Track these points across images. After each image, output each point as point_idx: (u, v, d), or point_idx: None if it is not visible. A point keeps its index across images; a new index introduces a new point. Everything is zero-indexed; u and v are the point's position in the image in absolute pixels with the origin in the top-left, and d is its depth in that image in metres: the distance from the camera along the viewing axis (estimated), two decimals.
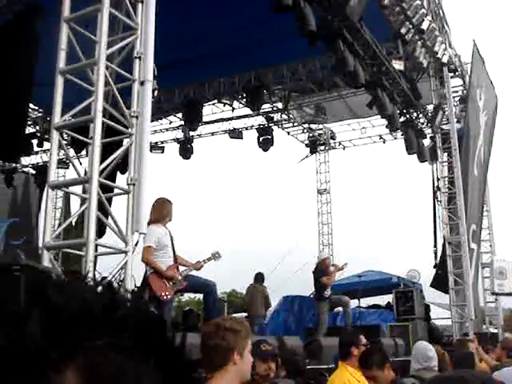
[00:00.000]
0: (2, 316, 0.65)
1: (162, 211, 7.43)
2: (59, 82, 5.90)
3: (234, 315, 16.92)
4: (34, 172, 18.08)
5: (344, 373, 5.51)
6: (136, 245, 5.96)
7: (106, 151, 5.91)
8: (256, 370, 4.65)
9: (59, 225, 15.11)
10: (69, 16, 6.04)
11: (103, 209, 5.62)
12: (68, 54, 6.16)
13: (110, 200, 6.40)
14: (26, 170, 18.37)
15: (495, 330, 16.98)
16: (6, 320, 0.64)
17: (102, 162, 5.66)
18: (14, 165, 16.78)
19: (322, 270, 12.06)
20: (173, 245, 7.57)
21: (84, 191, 7.06)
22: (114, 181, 6.40)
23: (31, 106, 15.46)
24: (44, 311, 0.65)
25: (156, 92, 6.33)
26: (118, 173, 8.60)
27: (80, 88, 6.24)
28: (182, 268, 7.70)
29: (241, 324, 3.08)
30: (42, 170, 16.36)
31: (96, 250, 5.73)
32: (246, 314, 13.25)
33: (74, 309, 0.66)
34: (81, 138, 6.52)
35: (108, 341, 0.66)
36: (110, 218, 5.83)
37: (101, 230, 6.01)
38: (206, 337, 3.01)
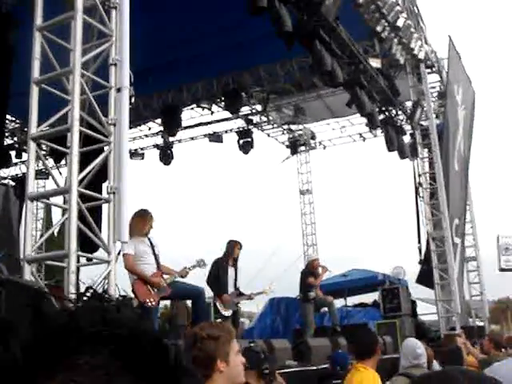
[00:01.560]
0: None
1: (137, 226, 7.37)
2: (34, 91, 5.81)
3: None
4: (13, 184, 17.88)
5: (372, 375, 5.36)
6: (118, 254, 5.89)
7: (86, 160, 5.84)
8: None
9: (41, 236, 14.96)
10: (41, 24, 5.95)
11: (85, 219, 5.54)
12: (43, 63, 6.07)
13: (96, 209, 6.30)
14: (5, 181, 18.17)
15: (481, 323, 17.10)
16: None
17: (81, 171, 5.60)
18: None
19: (310, 272, 12.04)
20: (154, 252, 7.51)
21: (65, 201, 6.98)
22: (99, 190, 6.32)
23: (8, 117, 15.28)
24: (34, 322, 0.64)
25: (133, 98, 6.25)
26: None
27: (56, 97, 6.16)
28: (165, 276, 7.65)
29: (221, 329, 2.97)
30: (21, 181, 16.18)
31: (78, 261, 5.65)
32: None
33: (61, 322, 0.64)
34: (59, 148, 6.43)
35: (91, 359, 0.63)
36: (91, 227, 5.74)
37: (92, 245, 5.89)
38: (185, 348, 2.89)
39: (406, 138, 15.64)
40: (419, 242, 15.80)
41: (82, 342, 0.63)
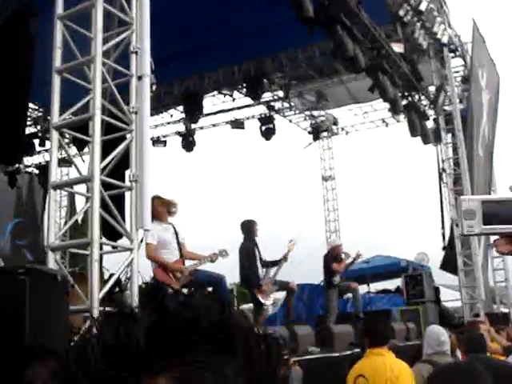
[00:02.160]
0: (118, 314, 0.70)
1: (157, 207, 7.39)
2: (56, 80, 5.84)
3: (245, 306, 16.95)
4: (37, 172, 18.06)
5: (395, 359, 5.34)
6: (141, 241, 5.92)
7: (108, 149, 5.87)
8: None
9: (65, 223, 15.11)
10: (62, 13, 5.97)
11: (107, 207, 5.58)
12: (64, 52, 6.10)
13: (119, 198, 6.33)
14: (29, 170, 18.35)
15: (506, 310, 16.95)
16: (119, 318, 0.68)
17: (103, 159, 5.62)
18: (16, 166, 16.75)
19: (333, 257, 12.00)
20: (178, 241, 7.54)
21: (88, 190, 7.02)
22: (122, 178, 6.35)
23: (31, 105, 15.40)
24: (157, 314, 0.68)
25: (154, 86, 6.28)
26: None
27: (78, 86, 6.19)
28: (189, 263, 7.68)
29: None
30: (45, 169, 16.34)
31: (101, 249, 5.69)
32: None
33: (183, 318, 0.67)
34: (82, 136, 6.46)
35: (207, 358, 0.66)
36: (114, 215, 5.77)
37: (113, 233, 5.93)
38: None
39: (430, 123, 15.50)
40: (443, 227, 15.68)
41: (202, 341, 0.67)
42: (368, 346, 5.58)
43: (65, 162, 15.29)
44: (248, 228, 9.78)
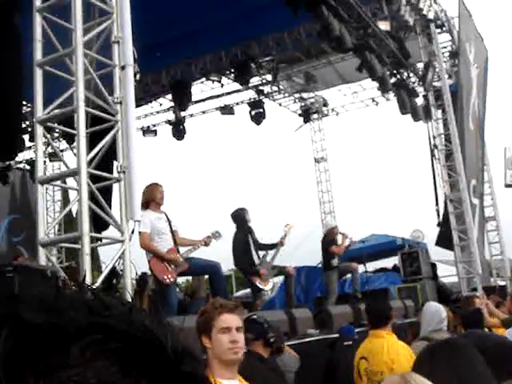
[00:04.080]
0: None
1: (148, 196, 7.38)
2: (38, 74, 5.78)
3: (243, 291, 16.99)
4: (28, 168, 17.97)
5: (396, 341, 5.38)
6: (132, 233, 5.89)
7: (96, 141, 5.82)
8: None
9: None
10: (41, 5, 5.89)
11: (96, 200, 5.54)
12: (46, 45, 6.03)
13: (109, 190, 6.29)
14: (21, 166, 18.26)
15: (503, 283, 17.02)
16: None
17: (91, 151, 5.58)
18: (7, 162, 16.65)
19: (330, 240, 11.98)
20: (171, 229, 7.52)
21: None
22: (110, 170, 6.31)
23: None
24: (13, 332, 0.55)
25: (138, 75, 6.21)
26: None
27: (63, 80, 6.13)
28: (183, 249, 7.66)
29: (212, 304, 3.02)
30: (35, 164, 16.23)
31: (93, 242, 5.66)
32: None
33: (47, 330, 0.55)
34: (68, 129, 6.41)
35: (83, 370, 0.55)
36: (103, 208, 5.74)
37: (101, 223, 5.91)
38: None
39: (419, 100, 15.45)
40: (437, 204, 15.69)
41: (68, 351, 0.56)
42: (370, 328, 5.63)
43: (55, 156, 15.25)
44: (239, 217, 9.73)
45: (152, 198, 7.42)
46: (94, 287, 0.65)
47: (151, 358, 0.58)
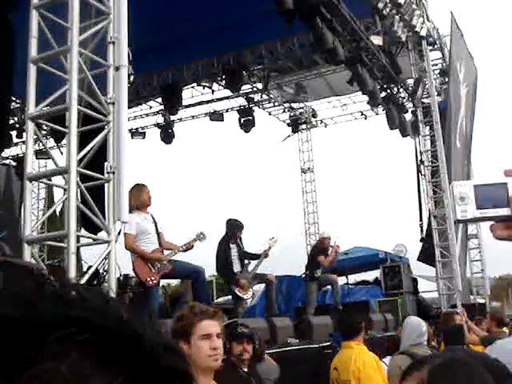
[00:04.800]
0: None
1: (137, 198, 7.39)
2: (32, 70, 5.76)
3: (223, 298, 16.95)
4: (14, 164, 17.87)
5: (367, 350, 5.55)
6: (119, 234, 5.88)
7: (86, 140, 5.81)
8: (232, 352, 4.65)
9: (43, 215, 14.97)
10: (38, 2, 5.89)
11: (84, 199, 5.53)
12: (41, 42, 6.02)
13: (99, 189, 6.26)
14: (6, 162, 18.15)
15: (482, 300, 17.14)
16: None
17: (81, 151, 5.57)
18: None
19: (321, 249, 12.01)
20: (157, 230, 7.53)
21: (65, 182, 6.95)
22: (101, 169, 6.28)
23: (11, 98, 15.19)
24: None
25: (132, 77, 6.22)
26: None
27: (56, 77, 6.12)
28: (166, 252, 7.67)
29: (191, 310, 2.97)
30: (22, 161, 16.13)
31: (78, 241, 5.65)
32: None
33: (20, 323, 0.54)
34: (59, 128, 6.39)
35: (51, 367, 0.54)
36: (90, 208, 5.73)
37: (95, 226, 5.87)
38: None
39: (408, 116, 15.56)
40: (421, 219, 15.80)
41: (43, 345, 0.54)
42: (342, 339, 5.82)
43: (42, 153, 15.17)
44: (232, 228, 9.78)
45: (139, 200, 7.43)
46: (73, 282, 0.64)
47: (129, 351, 0.57)
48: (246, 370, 4.71)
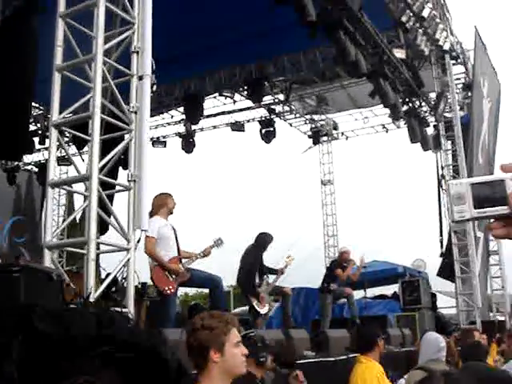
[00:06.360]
0: None
1: (158, 204, 7.41)
2: (56, 78, 5.84)
3: (241, 308, 16.93)
4: (36, 170, 18.05)
5: (374, 366, 5.53)
6: (138, 242, 5.91)
7: (107, 148, 5.86)
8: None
9: (63, 222, 15.09)
10: (64, 11, 5.97)
11: (105, 206, 5.57)
12: (66, 50, 6.09)
13: (111, 197, 6.34)
14: (28, 168, 18.35)
15: (502, 318, 16.93)
16: None
17: (102, 158, 5.61)
18: (16, 163, 16.74)
19: (341, 262, 12.04)
20: (176, 238, 7.53)
21: (86, 188, 7.01)
22: (115, 177, 6.35)
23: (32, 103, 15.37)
24: (27, 340, 0.59)
25: (155, 86, 6.26)
26: (121, 169, 8.62)
27: (79, 85, 6.18)
28: (183, 260, 7.67)
29: (218, 319, 2.98)
30: (43, 167, 16.31)
31: (98, 248, 5.68)
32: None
33: (57, 339, 0.60)
34: (81, 135, 6.45)
35: (87, 380, 0.59)
36: (112, 215, 5.77)
37: (102, 227, 5.95)
38: (185, 337, 2.97)
39: (430, 130, 15.49)
40: (441, 234, 15.69)
41: (79, 360, 0.60)
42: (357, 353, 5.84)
43: (64, 160, 15.32)
44: (263, 241, 9.79)
45: (165, 205, 7.45)
46: (96, 299, 0.69)
47: (154, 372, 0.62)
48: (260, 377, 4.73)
